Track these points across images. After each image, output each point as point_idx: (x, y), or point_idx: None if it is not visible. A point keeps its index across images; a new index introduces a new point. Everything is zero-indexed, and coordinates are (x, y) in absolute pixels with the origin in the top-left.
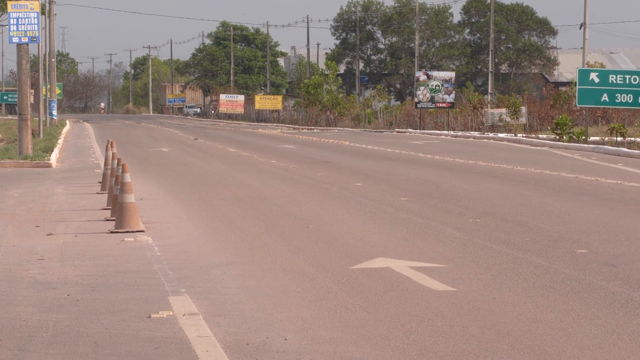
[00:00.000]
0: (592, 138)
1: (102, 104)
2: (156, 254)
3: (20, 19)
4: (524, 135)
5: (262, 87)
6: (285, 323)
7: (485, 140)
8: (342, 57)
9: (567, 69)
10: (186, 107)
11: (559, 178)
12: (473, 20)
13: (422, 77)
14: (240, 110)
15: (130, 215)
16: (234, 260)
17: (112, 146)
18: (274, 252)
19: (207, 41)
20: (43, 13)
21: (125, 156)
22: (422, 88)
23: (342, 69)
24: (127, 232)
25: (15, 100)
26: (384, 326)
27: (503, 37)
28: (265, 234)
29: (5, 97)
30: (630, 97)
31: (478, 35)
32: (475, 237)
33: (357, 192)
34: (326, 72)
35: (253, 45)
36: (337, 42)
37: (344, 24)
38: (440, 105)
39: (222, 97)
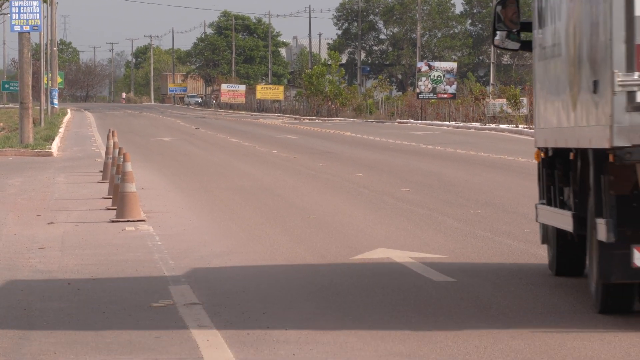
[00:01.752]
0: None
1: (124, 95)
2: (157, 243)
3: (22, 8)
4: (526, 126)
5: (264, 77)
6: (286, 313)
7: (487, 131)
8: (343, 48)
9: None
10: (187, 96)
11: None
12: (475, 11)
13: (424, 68)
14: (241, 100)
15: (132, 204)
16: (235, 249)
17: (113, 135)
18: (275, 242)
19: (209, 31)
20: (45, 1)
21: (126, 145)
22: (423, 79)
23: (343, 59)
24: (128, 221)
25: (17, 88)
26: (385, 316)
27: None
28: (267, 224)
29: (7, 86)
30: None
31: (480, 26)
32: (477, 228)
33: (358, 182)
34: (328, 62)
35: (255, 35)
36: (339, 32)
37: (346, 14)
38: (442, 96)
39: (224, 86)
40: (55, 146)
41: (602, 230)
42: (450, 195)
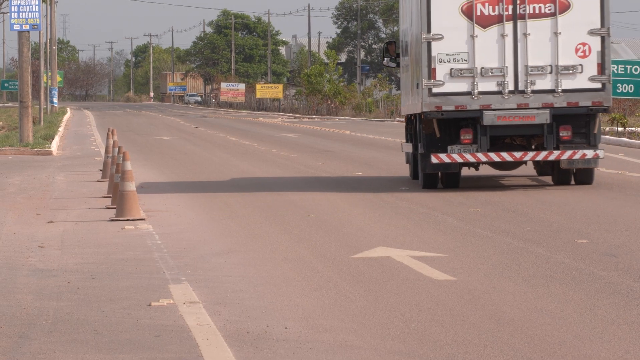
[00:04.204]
0: None
1: (151, 94)
2: (157, 242)
3: (21, 7)
4: None
5: (263, 76)
6: (286, 312)
7: None
8: (343, 46)
9: None
10: (187, 95)
11: None
12: None
13: None
14: (241, 98)
15: (131, 203)
16: (234, 248)
17: (112, 134)
18: (275, 240)
19: (208, 29)
20: (44, 0)
21: (126, 144)
22: None
23: (343, 57)
24: (127, 220)
25: (16, 87)
26: (384, 315)
27: None
28: (266, 223)
29: (6, 85)
30: (631, 87)
31: None
32: (476, 227)
33: (357, 181)
34: (327, 62)
35: (254, 33)
36: (339, 31)
37: (346, 12)
38: None
39: (223, 85)
40: (54, 145)
41: (420, 148)
42: (450, 193)
